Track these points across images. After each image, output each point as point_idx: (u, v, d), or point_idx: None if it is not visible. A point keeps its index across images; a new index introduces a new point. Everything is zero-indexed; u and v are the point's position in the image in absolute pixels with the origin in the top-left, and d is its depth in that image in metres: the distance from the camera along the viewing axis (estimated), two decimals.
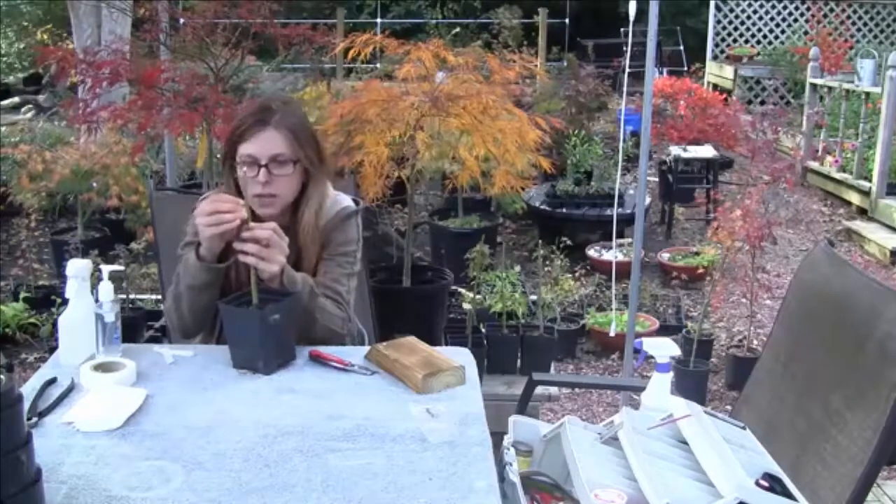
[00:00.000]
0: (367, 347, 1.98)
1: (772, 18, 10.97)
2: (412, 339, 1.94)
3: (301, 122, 2.11)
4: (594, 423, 1.86)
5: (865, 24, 10.83)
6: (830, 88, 7.60)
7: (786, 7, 10.92)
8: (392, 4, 13.18)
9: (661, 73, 9.24)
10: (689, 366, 3.87)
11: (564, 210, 5.72)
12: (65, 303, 1.88)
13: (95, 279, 1.86)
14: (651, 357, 2.06)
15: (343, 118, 3.46)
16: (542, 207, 5.80)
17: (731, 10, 11.00)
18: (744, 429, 1.69)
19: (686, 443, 1.62)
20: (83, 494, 1.36)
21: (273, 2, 4.24)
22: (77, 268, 1.84)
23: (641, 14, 3.38)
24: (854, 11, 10.82)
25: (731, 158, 7.79)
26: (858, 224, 6.36)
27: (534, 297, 4.22)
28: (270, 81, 8.17)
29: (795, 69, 9.67)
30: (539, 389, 2.74)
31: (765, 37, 10.99)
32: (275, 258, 1.91)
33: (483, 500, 1.37)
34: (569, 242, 4.66)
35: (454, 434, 1.57)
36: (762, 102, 9.73)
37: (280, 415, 1.64)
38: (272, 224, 1.94)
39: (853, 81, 7.09)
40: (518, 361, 3.62)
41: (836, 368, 1.81)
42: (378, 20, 12.27)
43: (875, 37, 10.73)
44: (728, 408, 3.40)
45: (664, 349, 2.05)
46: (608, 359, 4.36)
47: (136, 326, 4.03)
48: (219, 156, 2.18)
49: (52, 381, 1.75)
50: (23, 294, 4.55)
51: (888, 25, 10.85)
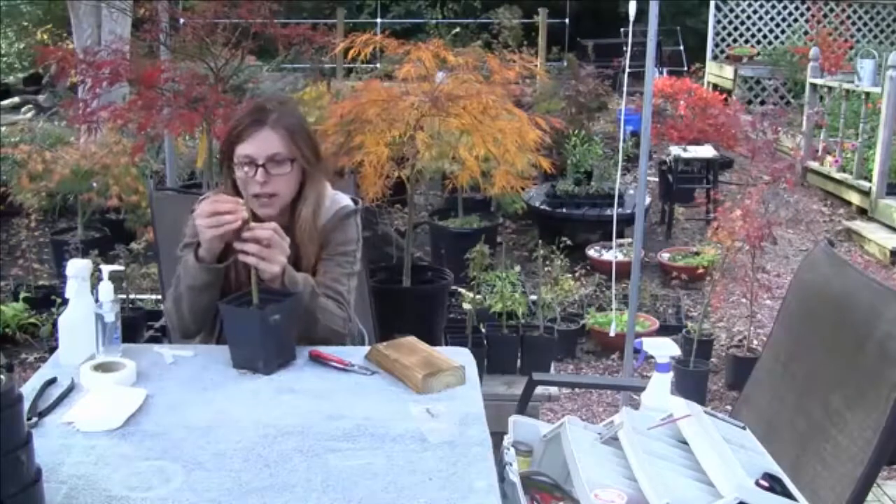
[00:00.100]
0: (367, 347, 1.98)
1: (772, 18, 10.97)
2: (412, 339, 1.94)
3: (297, 122, 2.11)
4: (594, 423, 1.86)
5: (865, 24, 10.83)
6: (830, 88, 7.59)
7: (786, 7, 10.92)
8: (392, 4, 13.18)
9: (661, 73, 9.24)
10: (689, 366, 3.87)
11: (564, 210, 5.72)
12: (65, 303, 1.88)
13: (95, 279, 1.86)
14: (651, 357, 2.06)
15: (343, 118, 3.46)
16: (542, 207, 5.80)
17: (731, 10, 11.00)
18: (744, 429, 1.69)
19: (686, 443, 1.62)
20: (83, 494, 1.36)
21: (273, 2, 4.24)
22: (77, 268, 1.84)
23: (641, 14, 3.38)
24: (854, 11, 10.82)
25: (731, 158, 7.79)
26: (858, 224, 6.36)
27: (534, 297, 4.22)
28: (270, 81, 8.16)
29: (795, 69, 9.67)
30: (539, 389, 2.74)
31: (765, 37, 10.99)
32: (276, 258, 1.90)
33: (483, 500, 1.37)
34: (569, 242, 4.65)
35: (454, 434, 1.57)
36: (762, 102, 9.73)
37: (280, 415, 1.64)
38: (273, 224, 1.94)
39: (853, 81, 7.09)
40: (518, 361, 3.62)
41: (836, 368, 1.81)
42: (378, 20, 12.26)
43: (875, 37, 10.73)
44: (728, 408, 3.40)
45: (664, 349, 2.05)
46: (608, 359, 4.36)
47: (136, 326, 4.03)
48: (218, 157, 2.18)
49: (52, 381, 1.75)
50: (23, 294, 4.55)
51: (888, 25, 10.85)
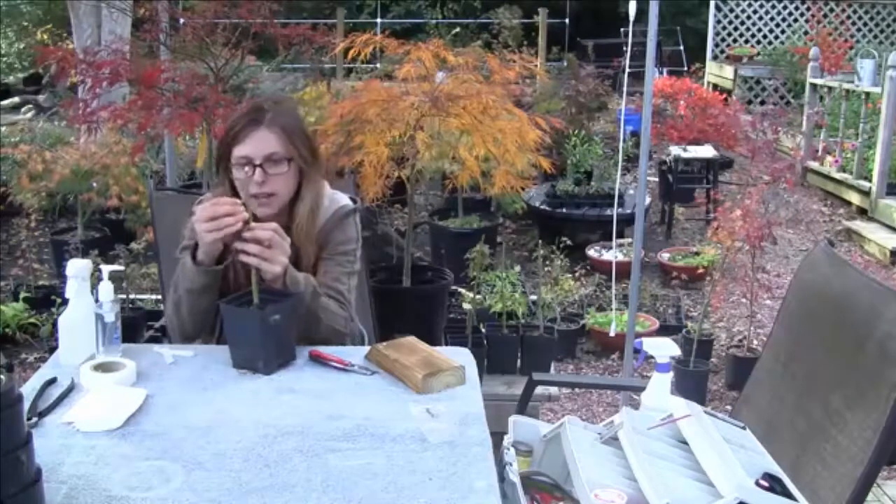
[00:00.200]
0: (367, 347, 1.98)
1: (772, 18, 10.97)
2: (412, 339, 1.94)
3: (294, 121, 2.10)
4: (594, 423, 1.86)
5: (865, 24, 10.83)
6: (830, 88, 7.59)
7: (786, 7, 10.92)
8: (392, 4, 13.18)
9: (661, 73, 9.24)
10: (689, 366, 3.87)
11: (564, 210, 5.72)
12: (65, 303, 1.88)
13: (95, 279, 1.86)
14: (651, 357, 2.06)
15: (343, 118, 3.46)
16: (542, 207, 5.80)
17: (731, 10, 11.00)
18: (744, 429, 1.69)
19: (686, 443, 1.62)
20: (83, 494, 1.36)
21: (273, 2, 4.24)
22: (77, 268, 1.84)
23: (641, 14, 3.38)
24: (854, 11, 10.82)
25: (731, 158, 7.79)
26: (858, 224, 6.36)
27: (534, 297, 4.21)
28: (270, 81, 8.16)
29: (795, 69, 9.67)
30: (539, 389, 2.74)
31: (765, 37, 10.99)
32: (277, 259, 1.90)
33: (483, 500, 1.37)
34: (569, 242, 4.65)
35: (454, 434, 1.57)
36: (762, 102, 9.73)
37: (280, 415, 1.64)
38: (273, 224, 1.93)
39: (853, 81, 7.09)
40: (518, 361, 3.62)
41: (836, 368, 1.81)
42: (378, 20, 12.26)
43: (875, 37, 10.73)
44: (728, 408, 3.40)
45: (664, 349, 2.04)
46: (608, 359, 4.36)
47: (136, 326, 4.03)
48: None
49: (52, 381, 1.75)
50: (23, 294, 4.55)
51: (888, 25, 10.85)
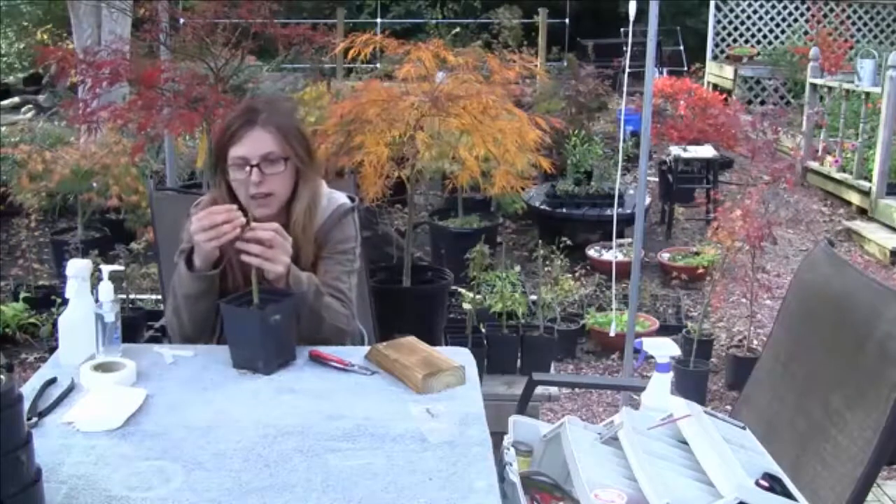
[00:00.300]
0: (367, 347, 1.98)
1: (772, 18, 10.97)
2: (412, 339, 1.94)
3: (289, 120, 2.10)
4: (594, 423, 1.85)
5: (865, 24, 10.83)
6: (830, 88, 7.59)
7: (786, 7, 10.92)
8: (392, 4, 13.18)
9: (661, 73, 9.24)
10: (689, 366, 3.87)
11: (564, 210, 5.72)
12: (65, 303, 1.88)
13: (95, 279, 1.86)
14: (651, 357, 2.06)
15: (343, 118, 3.46)
16: (542, 207, 5.80)
17: (731, 10, 11.01)
18: (744, 429, 1.69)
19: (686, 443, 1.62)
20: (83, 494, 1.36)
21: (273, 2, 4.24)
22: (77, 268, 1.84)
23: (641, 14, 3.38)
24: (854, 11, 10.82)
25: (731, 158, 7.79)
26: (858, 224, 6.36)
27: (534, 297, 4.21)
28: (270, 81, 8.16)
29: (795, 69, 9.67)
30: (539, 389, 2.74)
31: (765, 37, 11.00)
32: (279, 258, 1.91)
33: (483, 500, 1.37)
34: (569, 242, 4.65)
35: (454, 434, 1.57)
36: (762, 102, 9.73)
37: (280, 415, 1.64)
38: (274, 224, 1.94)
39: (853, 81, 7.09)
40: (518, 361, 3.62)
41: (836, 368, 1.81)
42: (378, 20, 12.26)
43: (875, 37, 10.73)
44: (728, 408, 3.40)
45: (664, 349, 2.04)
46: (608, 359, 4.36)
47: (136, 326, 4.03)
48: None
49: (52, 381, 1.75)
50: (23, 294, 4.55)
51: (888, 25, 10.85)
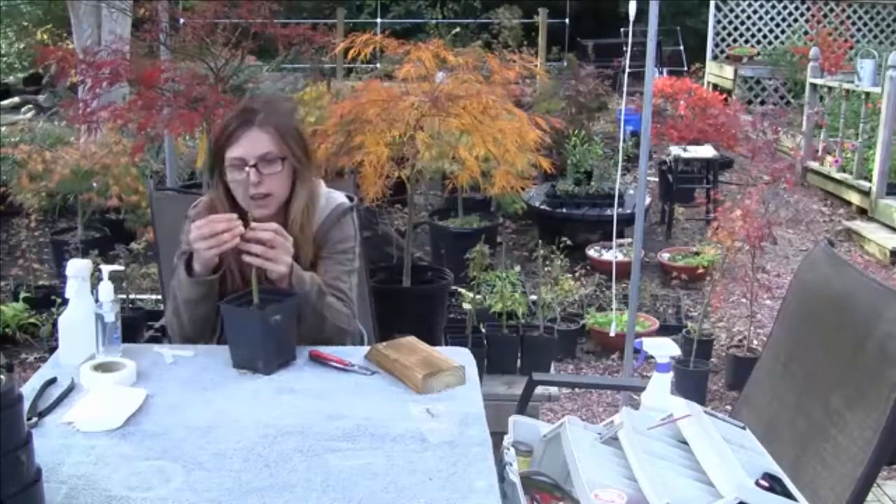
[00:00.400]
0: (367, 347, 1.98)
1: (772, 18, 10.97)
2: (412, 339, 1.94)
3: (286, 120, 2.10)
4: (594, 423, 1.85)
5: (865, 24, 10.83)
6: (830, 88, 7.59)
7: (786, 7, 10.92)
8: (392, 4, 13.18)
9: (661, 73, 9.24)
10: (689, 366, 3.87)
11: (564, 210, 5.72)
12: (65, 303, 1.88)
13: (95, 279, 1.86)
14: (651, 357, 2.06)
15: (343, 118, 3.46)
16: (542, 207, 5.80)
17: (731, 10, 11.01)
18: (744, 429, 1.69)
19: (686, 443, 1.62)
20: (83, 494, 1.36)
21: (273, 2, 4.24)
22: (77, 268, 1.84)
23: (641, 14, 3.38)
24: (854, 11, 10.82)
25: (731, 158, 7.79)
26: (858, 224, 6.36)
27: (534, 297, 4.21)
28: (270, 81, 8.16)
29: (795, 69, 9.67)
30: (539, 389, 2.74)
31: (765, 37, 11.00)
32: (281, 258, 1.91)
33: (483, 500, 1.37)
34: (569, 242, 4.65)
35: (454, 434, 1.57)
36: (762, 102, 9.73)
37: (280, 415, 1.64)
38: (274, 225, 1.94)
39: (853, 81, 7.09)
40: (518, 361, 3.62)
41: (836, 368, 1.81)
42: (378, 20, 12.26)
43: (875, 37, 10.73)
44: (728, 408, 3.40)
45: (664, 349, 2.04)
46: (608, 359, 4.36)
47: (136, 326, 4.03)
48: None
49: (52, 381, 1.75)
50: (23, 294, 4.55)
51: (888, 25, 10.85)
